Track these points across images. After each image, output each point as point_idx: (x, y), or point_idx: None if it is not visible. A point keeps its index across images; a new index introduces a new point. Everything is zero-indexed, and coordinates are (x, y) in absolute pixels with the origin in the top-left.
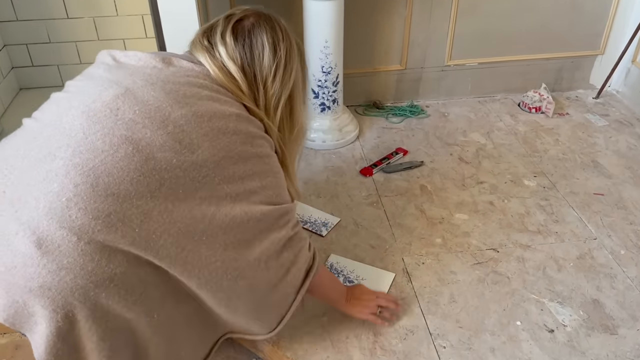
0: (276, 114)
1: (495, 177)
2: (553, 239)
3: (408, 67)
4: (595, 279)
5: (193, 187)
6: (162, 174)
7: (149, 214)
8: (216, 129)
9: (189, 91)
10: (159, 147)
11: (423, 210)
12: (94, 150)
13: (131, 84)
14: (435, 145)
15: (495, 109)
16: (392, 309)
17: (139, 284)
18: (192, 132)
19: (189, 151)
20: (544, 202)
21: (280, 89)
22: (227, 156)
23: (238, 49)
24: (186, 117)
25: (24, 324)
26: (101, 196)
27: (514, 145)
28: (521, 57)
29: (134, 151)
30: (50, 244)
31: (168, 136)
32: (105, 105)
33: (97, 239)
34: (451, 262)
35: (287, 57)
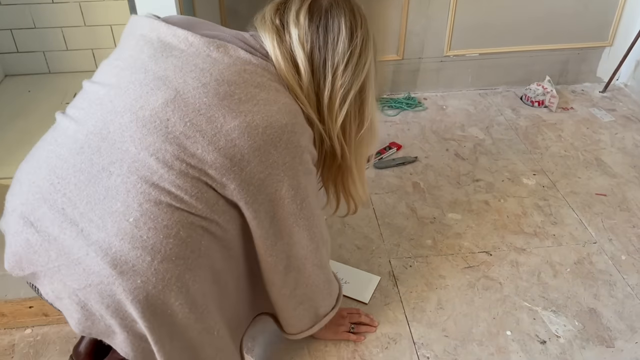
0: (342, 108)
1: (492, 174)
2: (550, 242)
3: (405, 57)
4: (593, 287)
5: (243, 202)
6: (216, 191)
7: (211, 227)
8: (269, 141)
9: (245, 95)
10: (210, 164)
11: (414, 209)
12: (149, 167)
13: (182, 85)
14: (431, 140)
15: (496, 102)
16: (366, 322)
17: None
18: (244, 146)
19: (239, 168)
20: (543, 202)
21: (350, 80)
22: (273, 173)
23: (311, 30)
24: (240, 129)
25: (101, 334)
26: (167, 213)
27: (514, 141)
28: (525, 47)
29: (187, 167)
30: (125, 265)
31: (219, 153)
32: (155, 114)
33: (169, 257)
34: (440, 266)
35: (363, 46)
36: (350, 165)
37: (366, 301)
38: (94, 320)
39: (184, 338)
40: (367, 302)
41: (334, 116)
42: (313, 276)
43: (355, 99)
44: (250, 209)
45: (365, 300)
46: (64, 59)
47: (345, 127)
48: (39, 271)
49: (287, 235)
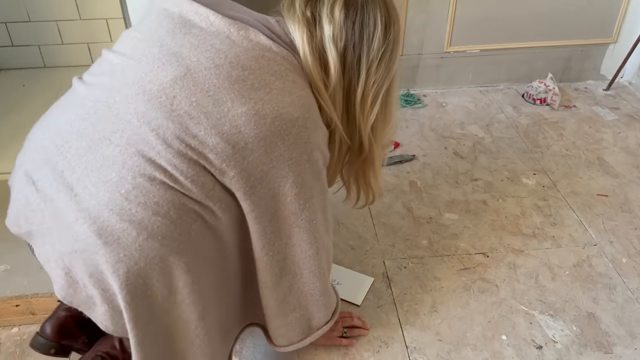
0: (374, 106)
1: (491, 174)
2: (549, 244)
3: (404, 53)
4: (592, 290)
5: (241, 193)
6: (214, 176)
7: (204, 213)
8: (276, 133)
9: (258, 82)
10: (211, 149)
11: (410, 208)
12: (149, 141)
13: (194, 64)
14: (429, 138)
15: (497, 99)
16: (359, 325)
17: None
18: (249, 134)
19: (241, 156)
20: (542, 203)
21: (383, 77)
22: (277, 167)
23: (346, 26)
24: (247, 116)
25: (82, 304)
26: (159, 190)
27: (514, 140)
28: (527, 44)
29: (187, 148)
30: (110, 236)
31: (221, 138)
32: (162, 89)
33: (155, 235)
34: (436, 267)
35: (395, 43)
36: (374, 160)
37: (359, 303)
38: (77, 289)
39: (160, 324)
40: (360, 304)
41: (365, 114)
42: (309, 284)
43: (385, 95)
44: (249, 200)
45: (358, 302)
46: (59, 53)
47: (376, 124)
48: (34, 230)
49: (287, 236)
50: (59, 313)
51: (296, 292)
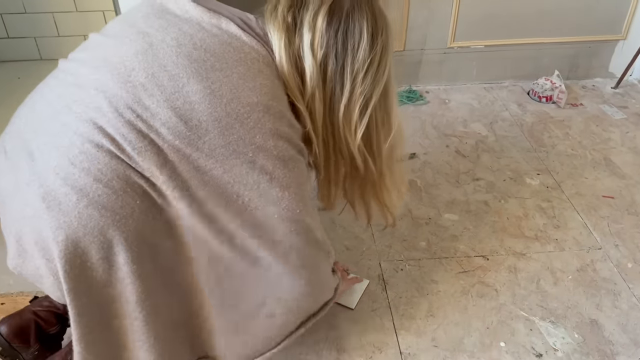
0: (363, 117)
1: (493, 173)
2: (552, 247)
3: (407, 48)
4: (595, 296)
5: (199, 178)
6: (164, 154)
7: (150, 190)
8: (233, 115)
9: (219, 64)
10: (163, 122)
11: (409, 208)
12: (100, 109)
13: (158, 41)
14: (431, 136)
15: (501, 96)
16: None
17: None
18: (203, 112)
19: (196, 135)
20: (546, 204)
21: (371, 88)
22: (238, 151)
23: (329, 35)
24: (201, 93)
25: (31, 275)
26: (105, 158)
27: (519, 138)
28: (533, 40)
29: (137, 119)
30: (53, 200)
31: (174, 112)
32: (122, 61)
33: (96, 203)
34: (433, 270)
35: (384, 50)
36: (383, 176)
37: (352, 307)
38: (26, 258)
39: (101, 296)
40: (354, 308)
41: (352, 127)
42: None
43: (380, 106)
44: (207, 187)
45: (352, 305)
46: (55, 45)
47: (370, 136)
48: (1, 200)
49: (260, 228)
50: (25, 314)
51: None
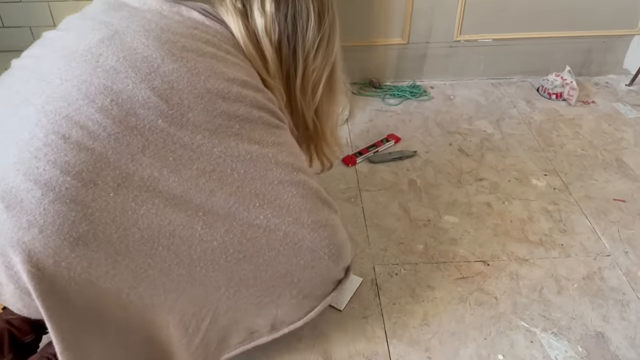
0: (316, 94)
1: (498, 173)
2: (557, 253)
3: (411, 41)
4: (602, 306)
5: (187, 156)
6: (146, 135)
7: (129, 179)
8: (214, 91)
9: (190, 45)
10: (142, 103)
11: (407, 209)
12: (68, 97)
13: (123, 28)
14: (433, 133)
15: (509, 93)
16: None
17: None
18: (184, 90)
19: (178, 113)
20: (552, 207)
21: (322, 66)
22: (224, 125)
23: (279, 19)
24: (178, 72)
25: None
26: (73, 149)
27: (526, 137)
28: (543, 34)
29: (112, 104)
30: (14, 198)
31: (152, 92)
32: (88, 49)
33: (63, 197)
34: (430, 275)
35: (332, 29)
36: (324, 134)
37: (341, 308)
38: None
39: (79, 303)
40: (342, 309)
41: (307, 101)
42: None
43: (327, 81)
44: (197, 163)
45: (340, 306)
46: None
47: (319, 108)
48: None
49: (264, 197)
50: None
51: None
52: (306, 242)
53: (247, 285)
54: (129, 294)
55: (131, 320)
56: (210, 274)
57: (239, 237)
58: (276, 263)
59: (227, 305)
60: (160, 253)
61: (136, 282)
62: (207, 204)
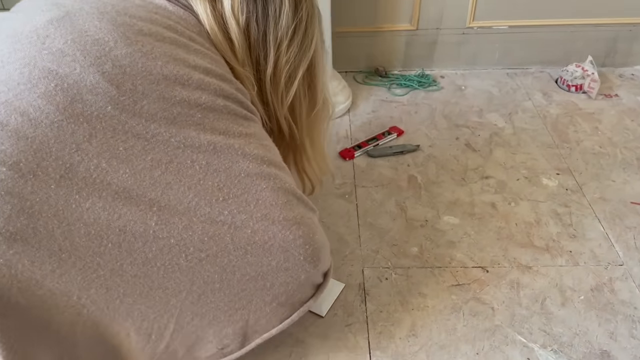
0: (290, 87)
1: (506, 171)
2: (564, 260)
3: (420, 27)
4: (610, 322)
5: (140, 146)
6: (93, 123)
7: (73, 170)
8: (172, 77)
9: (148, 29)
10: (90, 89)
11: (404, 208)
12: (9, 81)
13: (75, 10)
14: (440, 126)
15: (525, 84)
16: None
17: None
18: (137, 76)
19: (131, 100)
20: (563, 209)
21: (297, 57)
22: (183, 114)
23: (247, 0)
24: (132, 56)
25: None
26: (11, 138)
27: (540, 132)
28: (564, 21)
29: (56, 89)
30: None
31: (102, 76)
32: (34, 30)
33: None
34: (423, 281)
35: (309, 18)
36: (303, 144)
37: (322, 314)
38: None
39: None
40: (324, 315)
41: (279, 96)
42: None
43: (304, 77)
44: (151, 154)
45: (322, 313)
46: None
47: (294, 107)
48: None
49: (228, 190)
50: None
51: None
52: (277, 240)
53: (212, 289)
54: (80, 297)
55: (86, 327)
56: (169, 275)
57: (199, 234)
58: (244, 264)
59: (191, 311)
60: (111, 251)
61: (86, 283)
62: (163, 198)
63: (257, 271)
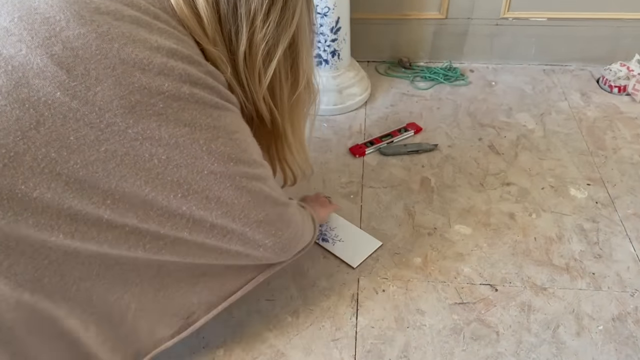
0: (269, 66)
1: (530, 178)
2: (585, 283)
3: (450, 16)
4: (631, 358)
5: (93, 136)
6: (39, 109)
7: (18, 159)
8: (130, 62)
9: (105, 6)
10: (37, 73)
11: (413, 212)
12: None
13: None
14: (463, 125)
15: (563, 82)
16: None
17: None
18: (91, 59)
19: (83, 86)
20: (590, 225)
21: (276, 33)
22: (143, 102)
23: None
24: (85, 38)
25: None
26: None
27: (573, 136)
28: (610, 14)
29: (0, 72)
30: None
31: (50, 59)
32: None
33: None
34: (423, 296)
35: None
36: (285, 131)
37: (354, 265)
38: None
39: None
40: (355, 267)
41: (256, 75)
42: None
43: (285, 56)
44: (105, 144)
45: (354, 264)
46: None
47: (274, 88)
48: None
49: (188, 186)
50: None
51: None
52: (236, 234)
53: (174, 264)
54: (34, 290)
55: (43, 323)
56: (125, 256)
57: (155, 226)
58: (203, 252)
59: (153, 286)
60: (63, 240)
61: (38, 273)
62: (117, 190)
63: (217, 256)
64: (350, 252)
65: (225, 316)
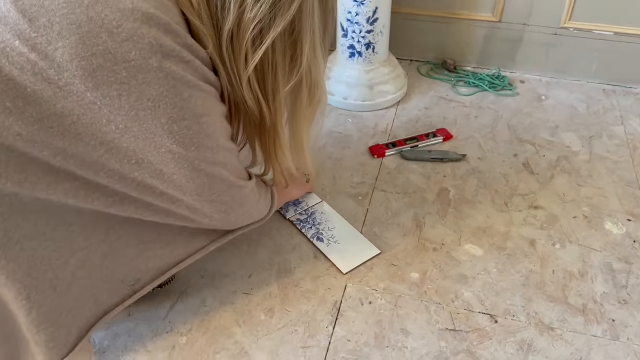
0: (258, 49)
1: (563, 205)
2: (601, 330)
3: (504, 20)
4: None
5: (51, 92)
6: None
7: None
8: (99, 21)
9: None
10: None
11: (422, 224)
12: None
13: None
14: (499, 138)
15: (623, 105)
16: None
17: None
18: (57, 12)
19: (45, 39)
20: (621, 266)
21: (269, 14)
22: (105, 68)
23: None
24: None
25: None
26: None
27: (622, 165)
28: None
29: None
30: None
31: (14, 5)
32: None
33: None
34: (412, 315)
35: None
36: (275, 127)
37: (344, 271)
38: None
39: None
40: (345, 273)
41: (242, 58)
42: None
43: (283, 44)
44: (60, 103)
45: (344, 270)
46: None
47: (265, 77)
48: None
49: (142, 155)
50: None
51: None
52: (185, 203)
53: (123, 226)
54: None
55: None
56: (74, 213)
57: (105, 184)
58: (151, 213)
59: (101, 251)
60: (10, 190)
61: None
62: (70, 148)
63: (164, 217)
64: (343, 256)
65: (197, 303)
